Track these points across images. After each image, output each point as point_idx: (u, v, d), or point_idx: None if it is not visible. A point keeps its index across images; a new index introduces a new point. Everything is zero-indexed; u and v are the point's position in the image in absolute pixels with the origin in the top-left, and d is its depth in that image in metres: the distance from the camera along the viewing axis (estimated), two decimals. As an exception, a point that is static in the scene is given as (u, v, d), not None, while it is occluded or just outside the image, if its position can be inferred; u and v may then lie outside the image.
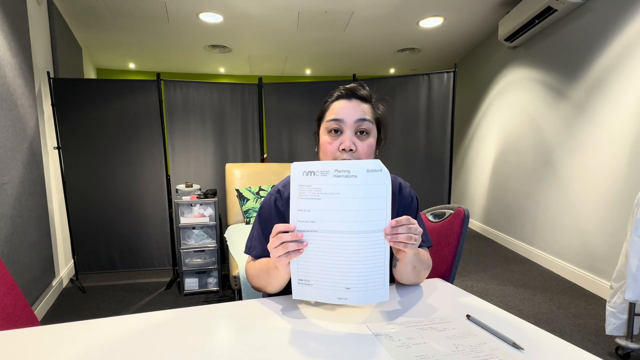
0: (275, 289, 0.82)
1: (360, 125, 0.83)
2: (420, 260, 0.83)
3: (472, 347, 0.60)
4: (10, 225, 1.88)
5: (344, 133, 0.83)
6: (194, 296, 2.56)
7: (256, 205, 2.66)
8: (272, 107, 3.17)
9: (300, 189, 0.66)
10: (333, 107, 0.86)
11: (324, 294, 0.70)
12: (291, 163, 0.66)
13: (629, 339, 1.69)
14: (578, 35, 2.71)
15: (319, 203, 0.66)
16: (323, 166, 0.66)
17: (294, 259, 0.68)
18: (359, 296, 0.68)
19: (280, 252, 0.67)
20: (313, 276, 0.69)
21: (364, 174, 0.65)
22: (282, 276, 0.76)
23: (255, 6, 3.18)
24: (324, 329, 0.67)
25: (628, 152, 2.25)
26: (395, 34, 3.93)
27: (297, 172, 0.66)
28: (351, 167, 0.65)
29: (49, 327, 0.68)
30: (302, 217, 0.67)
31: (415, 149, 3.03)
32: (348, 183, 0.65)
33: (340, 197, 0.65)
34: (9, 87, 1.97)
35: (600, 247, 2.46)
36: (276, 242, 0.67)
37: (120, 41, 4.06)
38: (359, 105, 0.84)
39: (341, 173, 0.65)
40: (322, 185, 0.65)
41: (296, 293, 0.71)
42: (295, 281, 0.70)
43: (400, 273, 0.83)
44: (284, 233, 0.67)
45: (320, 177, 0.65)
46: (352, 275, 0.67)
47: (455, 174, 5.06)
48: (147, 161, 2.98)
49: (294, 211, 0.67)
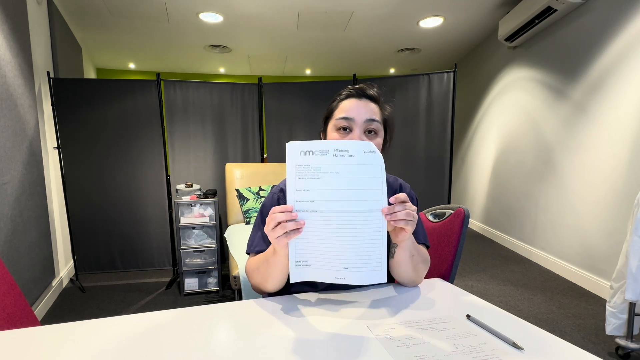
0: (274, 282, 0.80)
1: (369, 125, 0.83)
2: (418, 250, 0.83)
3: (472, 347, 0.60)
4: (10, 225, 1.88)
5: (353, 131, 0.83)
6: (194, 296, 2.56)
7: (256, 205, 2.66)
8: (272, 107, 3.17)
9: (297, 168, 0.65)
10: (343, 106, 0.86)
11: (322, 274, 0.70)
12: (287, 143, 0.65)
13: (629, 339, 1.69)
14: (578, 35, 2.71)
15: (319, 182, 0.66)
16: (322, 145, 0.65)
17: (292, 239, 0.68)
18: (356, 276, 0.69)
19: (279, 233, 0.66)
20: (311, 256, 0.69)
21: (362, 154, 0.66)
22: (281, 261, 0.74)
23: (255, 6, 3.18)
24: (324, 329, 0.67)
25: (628, 152, 2.25)
26: (395, 34, 3.93)
27: (294, 151, 0.65)
28: (350, 147, 0.65)
29: (49, 327, 0.68)
30: (301, 197, 0.66)
31: (415, 148, 3.03)
32: (347, 162, 0.65)
33: (340, 176, 0.65)
34: (9, 87, 1.97)
35: (600, 247, 2.46)
36: (272, 223, 0.66)
37: (120, 41, 4.06)
38: (369, 105, 0.85)
39: (341, 152, 0.65)
40: (322, 164, 0.65)
41: (294, 276, 0.70)
42: (293, 263, 0.69)
43: (398, 264, 0.82)
44: (280, 213, 0.66)
45: (320, 157, 0.65)
46: (350, 255, 0.68)
47: (455, 174, 5.06)
48: (147, 161, 2.98)
49: (292, 191, 0.66)
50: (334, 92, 0.95)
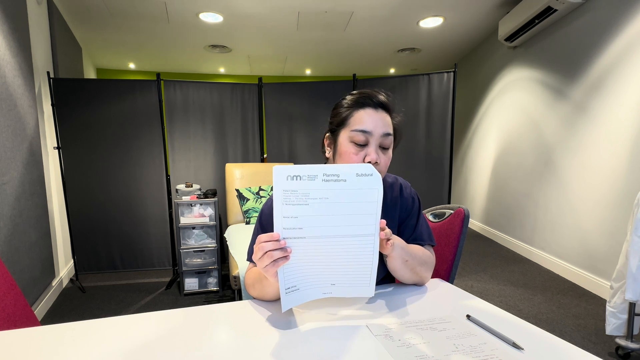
0: (271, 297, 0.80)
1: (384, 140, 0.82)
2: (412, 255, 0.83)
3: (472, 347, 0.60)
4: (10, 225, 1.88)
5: (370, 145, 0.81)
6: (194, 296, 2.56)
7: (256, 205, 2.66)
8: (272, 107, 3.17)
9: (284, 194, 0.62)
10: (360, 117, 0.82)
11: (310, 294, 0.70)
12: (273, 167, 0.62)
13: (629, 339, 1.69)
14: (578, 35, 2.71)
15: (307, 209, 0.63)
16: (310, 170, 0.62)
17: (281, 267, 0.65)
18: (343, 290, 0.70)
19: (266, 262, 0.64)
20: (300, 281, 0.68)
21: (353, 178, 0.64)
22: (273, 285, 0.74)
23: (255, 6, 3.18)
24: (324, 329, 0.67)
25: (628, 152, 2.25)
26: (395, 34, 3.93)
27: (280, 177, 0.62)
28: (340, 171, 0.63)
29: (49, 327, 0.68)
30: (289, 224, 0.64)
31: (415, 148, 3.03)
32: (337, 187, 0.63)
33: (329, 202, 0.64)
34: (8, 87, 1.97)
35: (600, 247, 2.46)
36: (259, 252, 0.64)
37: (120, 41, 4.06)
38: (385, 118, 0.83)
39: (330, 177, 0.63)
40: (310, 190, 0.63)
41: (285, 304, 0.67)
42: (283, 292, 0.67)
43: (393, 271, 0.84)
44: (267, 242, 0.64)
45: (307, 182, 0.62)
46: (338, 275, 0.69)
47: (455, 174, 5.06)
48: (147, 161, 2.98)
49: (279, 218, 0.63)
50: (334, 92, 0.93)
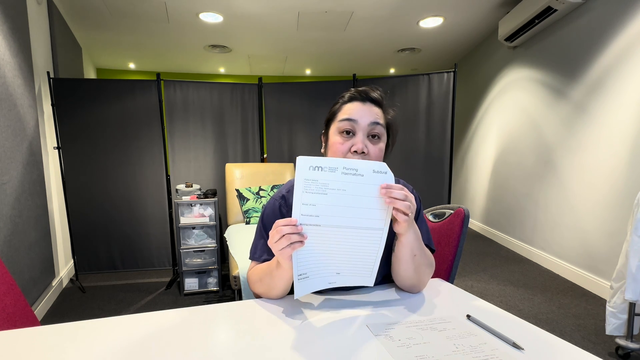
0: (279, 293, 0.80)
1: (373, 129, 0.82)
2: (422, 251, 0.80)
3: (472, 347, 0.60)
4: (10, 225, 1.88)
5: (357, 135, 0.82)
6: (194, 296, 2.56)
7: (256, 205, 2.66)
8: (272, 107, 3.17)
9: (305, 183, 0.66)
10: (346, 108, 0.84)
11: (318, 283, 0.74)
12: (297, 157, 0.66)
13: (629, 339, 1.69)
14: (578, 35, 2.71)
15: (325, 198, 0.67)
16: (331, 162, 0.67)
17: (294, 251, 0.69)
18: (345, 279, 0.75)
19: (284, 244, 0.66)
20: (310, 268, 0.72)
21: (370, 174, 0.68)
22: (285, 274, 0.75)
23: (255, 6, 3.18)
24: (324, 329, 0.67)
25: (628, 152, 2.25)
26: (395, 34, 3.93)
27: (303, 166, 0.66)
28: (359, 166, 0.68)
29: (49, 327, 0.68)
30: (306, 211, 0.68)
31: (415, 148, 3.03)
32: (355, 181, 0.68)
33: (346, 194, 0.68)
34: (8, 87, 1.97)
35: (600, 247, 2.46)
36: (277, 235, 0.67)
37: (120, 41, 4.06)
38: (373, 109, 0.84)
39: (349, 171, 0.67)
40: (330, 180, 0.67)
41: (298, 291, 0.71)
42: (296, 277, 0.71)
43: (398, 260, 0.80)
44: (285, 226, 0.67)
45: (328, 173, 0.66)
46: (344, 264, 0.73)
47: (455, 174, 5.06)
48: (147, 161, 2.98)
49: (298, 204, 0.67)
50: (334, 92, 0.94)
